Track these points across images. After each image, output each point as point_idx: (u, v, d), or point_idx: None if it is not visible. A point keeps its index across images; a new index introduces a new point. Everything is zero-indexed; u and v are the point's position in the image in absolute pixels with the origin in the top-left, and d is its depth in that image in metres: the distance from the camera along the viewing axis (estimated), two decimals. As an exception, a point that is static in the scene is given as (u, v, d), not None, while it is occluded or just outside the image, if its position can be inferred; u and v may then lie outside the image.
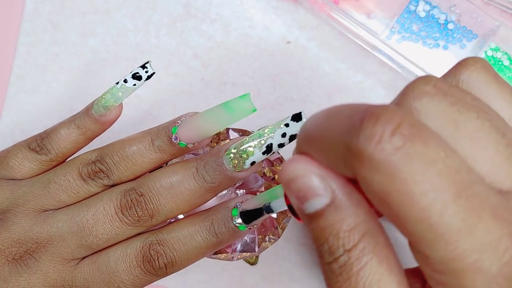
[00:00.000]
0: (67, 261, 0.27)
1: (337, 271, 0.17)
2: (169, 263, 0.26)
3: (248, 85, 0.37)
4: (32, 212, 0.27)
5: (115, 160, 0.27)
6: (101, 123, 0.29)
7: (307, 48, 0.38)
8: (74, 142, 0.29)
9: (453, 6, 0.37)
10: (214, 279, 0.35)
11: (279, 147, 0.25)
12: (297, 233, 0.36)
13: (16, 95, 0.37)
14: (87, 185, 0.27)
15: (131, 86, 0.28)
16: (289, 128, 0.25)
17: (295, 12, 0.38)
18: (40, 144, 0.28)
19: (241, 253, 0.32)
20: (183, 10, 0.38)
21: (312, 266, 0.35)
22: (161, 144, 0.27)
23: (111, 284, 0.26)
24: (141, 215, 0.26)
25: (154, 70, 0.28)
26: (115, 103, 0.28)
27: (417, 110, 0.17)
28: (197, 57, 0.38)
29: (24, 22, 0.38)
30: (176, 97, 0.37)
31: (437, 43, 0.37)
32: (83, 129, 0.29)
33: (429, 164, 0.15)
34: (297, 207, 0.18)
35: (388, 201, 0.15)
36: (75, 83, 0.38)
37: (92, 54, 0.38)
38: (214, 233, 0.26)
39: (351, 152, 0.15)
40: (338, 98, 0.37)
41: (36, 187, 0.28)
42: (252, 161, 0.25)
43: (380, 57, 0.37)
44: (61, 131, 0.29)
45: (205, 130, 0.26)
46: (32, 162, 0.28)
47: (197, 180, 0.26)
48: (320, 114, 0.18)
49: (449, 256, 0.15)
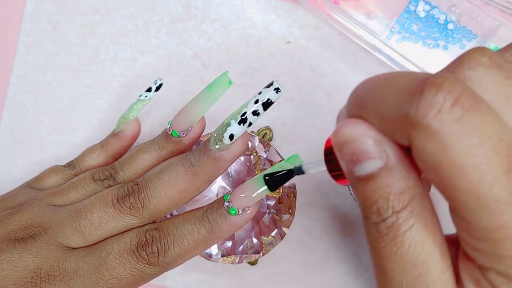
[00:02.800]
0: (62, 246, 0.27)
1: (384, 231, 0.18)
2: (162, 248, 0.26)
3: (248, 85, 0.37)
4: (45, 204, 0.29)
5: (121, 161, 0.30)
6: (119, 138, 0.32)
7: (307, 48, 0.38)
8: (96, 157, 0.32)
9: (453, 6, 0.37)
10: (214, 279, 0.35)
11: (254, 115, 0.25)
12: (297, 233, 0.36)
13: (16, 95, 0.37)
14: (95, 185, 0.30)
15: (143, 97, 0.31)
16: (261, 95, 0.25)
17: (295, 12, 0.38)
18: (70, 163, 0.33)
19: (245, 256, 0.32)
20: (183, 10, 0.38)
21: (312, 266, 0.35)
22: (159, 139, 0.29)
23: (101, 270, 0.26)
24: (132, 202, 0.27)
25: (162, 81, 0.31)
26: (132, 117, 0.31)
27: (471, 80, 0.18)
28: (197, 57, 0.38)
29: (24, 22, 0.38)
30: (176, 97, 0.37)
31: (437, 43, 0.37)
32: (105, 146, 0.32)
33: (485, 138, 0.15)
34: (347, 169, 0.19)
35: (440, 170, 0.16)
36: (75, 83, 0.38)
37: (92, 54, 0.38)
38: (207, 218, 0.27)
39: (409, 119, 0.16)
40: (338, 98, 0.37)
41: (55, 188, 0.31)
42: (230, 134, 0.26)
43: (380, 57, 0.37)
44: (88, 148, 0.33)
45: (192, 113, 0.28)
46: (58, 174, 0.32)
47: (184, 163, 0.27)
48: (375, 80, 0.18)
49: (491, 225, 0.16)
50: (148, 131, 0.37)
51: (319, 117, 0.37)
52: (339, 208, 0.36)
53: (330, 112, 0.37)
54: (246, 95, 0.37)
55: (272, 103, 0.25)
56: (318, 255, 0.35)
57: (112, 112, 0.37)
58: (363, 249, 0.35)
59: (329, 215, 0.36)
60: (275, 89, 0.25)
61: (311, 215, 0.36)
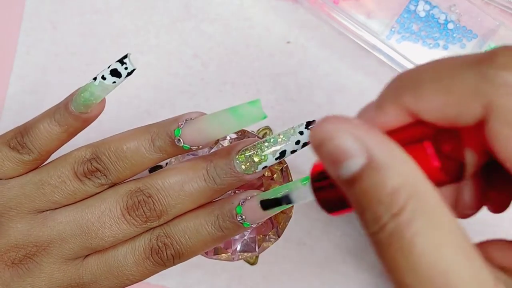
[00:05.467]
0: (71, 261, 0.26)
1: (386, 241, 0.15)
2: (176, 254, 0.26)
3: (248, 85, 0.37)
4: (28, 215, 0.26)
5: (112, 159, 0.26)
6: (82, 120, 0.27)
7: (307, 48, 0.38)
8: (56, 139, 0.27)
9: (453, 6, 0.37)
10: (214, 279, 0.35)
11: (291, 153, 0.25)
12: (297, 233, 0.36)
13: (16, 95, 0.37)
14: (83, 185, 0.26)
15: (110, 83, 0.25)
16: (303, 136, 0.25)
17: (295, 12, 0.38)
18: (21, 142, 0.26)
19: (242, 253, 0.32)
20: (183, 10, 0.38)
21: (312, 266, 0.35)
22: (162, 144, 0.26)
23: (121, 277, 0.26)
24: (149, 216, 0.26)
25: (135, 66, 0.25)
26: (95, 101, 0.26)
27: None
28: (197, 57, 0.38)
29: (24, 22, 0.38)
30: (176, 97, 0.37)
31: (437, 43, 0.37)
32: (65, 126, 0.26)
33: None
34: (333, 175, 0.16)
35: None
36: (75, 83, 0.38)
37: (92, 54, 0.38)
38: (219, 227, 0.26)
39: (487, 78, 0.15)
40: (338, 98, 0.37)
41: (29, 188, 0.26)
42: (264, 166, 0.26)
43: (380, 57, 0.37)
44: (40, 127, 0.26)
45: (211, 135, 0.25)
46: (15, 163, 0.26)
47: (207, 182, 0.26)
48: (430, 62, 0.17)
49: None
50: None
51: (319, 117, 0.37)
52: (339, 208, 0.36)
53: (330, 112, 0.37)
54: (246, 95, 0.37)
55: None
56: (318, 255, 0.35)
57: (112, 112, 0.37)
58: (363, 249, 0.35)
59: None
60: None
61: (311, 215, 0.36)
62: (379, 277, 0.35)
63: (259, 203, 0.25)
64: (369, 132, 0.16)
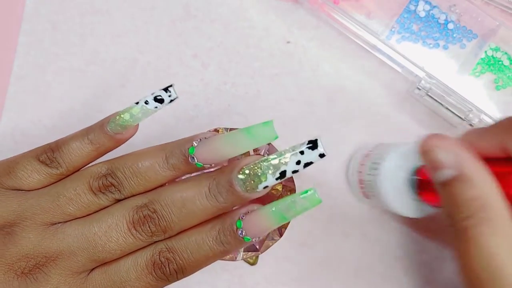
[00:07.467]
0: (77, 274, 0.27)
1: (457, 234, 0.21)
2: (179, 269, 0.27)
3: (248, 85, 0.37)
4: (41, 226, 0.27)
5: (127, 175, 0.27)
6: (116, 141, 0.28)
7: (307, 48, 0.38)
8: (86, 156, 0.28)
9: (453, 6, 0.37)
10: (214, 279, 0.35)
11: (292, 173, 0.25)
12: (297, 233, 0.36)
13: (16, 95, 0.37)
14: (97, 199, 0.27)
15: (152, 108, 0.27)
16: (304, 156, 0.25)
17: (295, 12, 0.38)
18: (51, 157, 0.28)
19: (245, 253, 0.32)
20: (183, 10, 0.38)
21: (312, 266, 0.35)
22: (176, 162, 0.27)
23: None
24: (154, 231, 0.27)
25: (177, 95, 0.27)
26: (133, 123, 0.28)
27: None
28: (197, 57, 0.38)
29: (24, 22, 0.38)
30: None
31: (437, 43, 0.37)
32: (97, 145, 0.28)
33: None
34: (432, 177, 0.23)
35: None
36: (75, 83, 0.38)
37: (92, 54, 0.38)
38: (221, 242, 0.27)
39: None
40: (338, 98, 0.37)
41: (44, 200, 0.27)
42: (265, 186, 0.26)
43: (380, 57, 0.37)
44: (73, 145, 0.28)
45: (224, 153, 0.26)
46: (42, 175, 0.27)
47: (209, 200, 0.26)
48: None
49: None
50: (146, 131, 0.37)
51: (319, 117, 0.37)
52: (339, 208, 0.36)
53: (330, 112, 0.37)
54: (246, 95, 0.37)
55: (313, 163, 0.25)
56: (318, 255, 0.35)
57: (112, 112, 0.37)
58: (363, 249, 0.35)
59: (329, 215, 0.36)
60: (320, 155, 0.25)
61: (311, 215, 0.36)
62: (379, 277, 0.35)
63: (262, 219, 0.26)
64: (464, 151, 0.23)
